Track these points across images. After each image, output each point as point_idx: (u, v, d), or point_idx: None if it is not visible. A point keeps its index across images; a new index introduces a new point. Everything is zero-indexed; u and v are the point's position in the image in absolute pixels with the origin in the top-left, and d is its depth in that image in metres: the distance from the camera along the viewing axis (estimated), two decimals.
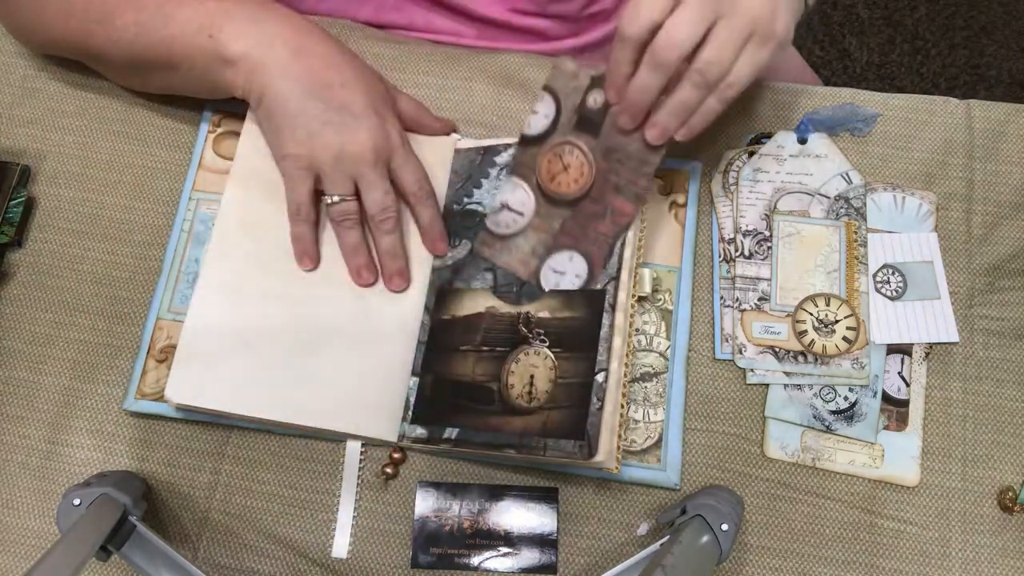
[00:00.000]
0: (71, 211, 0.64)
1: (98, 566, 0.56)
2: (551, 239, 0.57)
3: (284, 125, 0.57)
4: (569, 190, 0.57)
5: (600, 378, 0.52)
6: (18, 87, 0.67)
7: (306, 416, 0.56)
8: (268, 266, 0.59)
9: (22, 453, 0.59)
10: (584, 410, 0.52)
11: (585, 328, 0.54)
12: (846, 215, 0.63)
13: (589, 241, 0.56)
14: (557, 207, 0.57)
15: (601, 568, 0.54)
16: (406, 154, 0.59)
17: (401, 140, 0.59)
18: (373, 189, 0.58)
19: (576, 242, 0.56)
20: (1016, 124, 0.65)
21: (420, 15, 0.71)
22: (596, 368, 0.53)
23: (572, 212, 0.57)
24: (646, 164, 0.55)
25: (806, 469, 0.58)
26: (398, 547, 0.57)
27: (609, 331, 0.53)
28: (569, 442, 0.51)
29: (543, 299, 0.56)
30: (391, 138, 0.58)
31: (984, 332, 0.60)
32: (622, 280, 0.55)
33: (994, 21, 1.59)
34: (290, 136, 0.57)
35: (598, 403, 0.52)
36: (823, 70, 1.56)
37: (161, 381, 0.58)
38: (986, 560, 0.56)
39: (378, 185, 0.58)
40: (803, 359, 0.59)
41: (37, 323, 0.61)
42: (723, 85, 0.50)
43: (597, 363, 0.53)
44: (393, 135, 0.59)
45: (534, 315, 0.56)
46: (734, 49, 0.49)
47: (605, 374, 0.52)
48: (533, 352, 0.55)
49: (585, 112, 0.56)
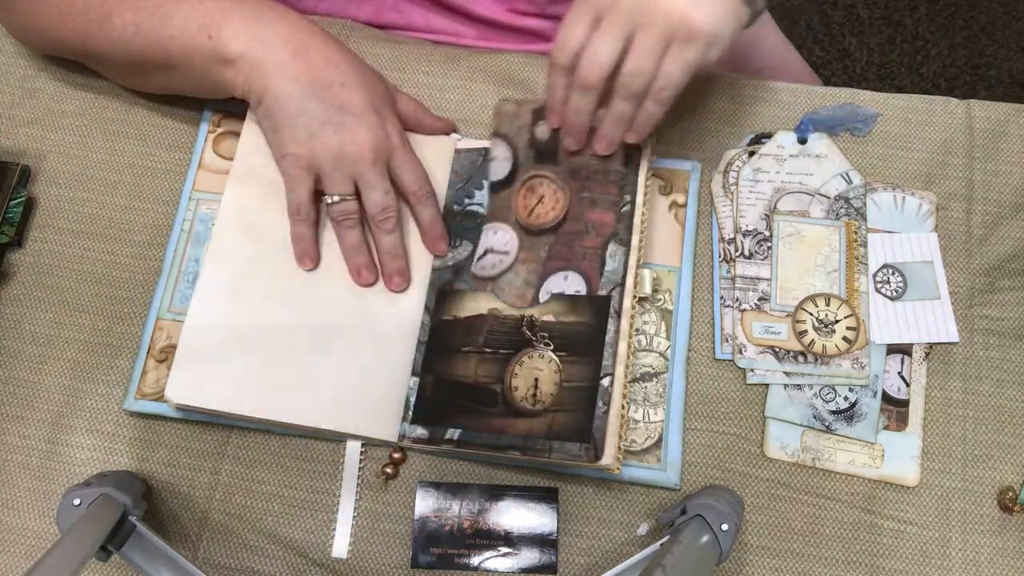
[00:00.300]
0: (71, 211, 0.64)
1: (98, 566, 0.56)
2: (541, 267, 0.58)
3: (284, 125, 0.57)
4: (548, 218, 0.58)
5: (606, 382, 0.53)
6: (18, 87, 0.67)
7: (306, 416, 0.56)
8: (268, 266, 0.59)
9: (22, 453, 0.59)
10: (590, 413, 0.52)
11: (590, 333, 0.55)
12: (846, 215, 0.63)
13: (579, 257, 0.57)
14: (540, 236, 0.58)
15: (601, 568, 0.54)
16: (406, 154, 0.59)
17: (401, 140, 0.59)
18: (373, 189, 0.58)
19: (567, 262, 0.57)
20: (1016, 124, 0.65)
21: (419, 15, 0.71)
22: (602, 373, 0.53)
23: (555, 236, 0.58)
24: (611, 172, 0.58)
25: (806, 469, 0.58)
26: (398, 547, 0.57)
27: (615, 336, 0.54)
28: (575, 445, 0.52)
29: (547, 303, 0.57)
30: (391, 138, 0.58)
31: (984, 332, 0.60)
32: (627, 286, 0.55)
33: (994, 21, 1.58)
34: (290, 136, 0.57)
35: (604, 407, 0.52)
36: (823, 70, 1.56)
37: (161, 381, 0.58)
38: (986, 560, 0.56)
39: (378, 185, 0.58)
40: (803, 359, 0.59)
41: (37, 323, 0.61)
42: (655, 90, 0.52)
43: (603, 368, 0.53)
44: (393, 135, 0.59)
45: (538, 318, 0.56)
46: (654, 56, 0.51)
47: (611, 378, 0.53)
48: (537, 355, 0.55)
49: (538, 145, 0.60)
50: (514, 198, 0.60)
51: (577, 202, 0.58)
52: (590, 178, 0.58)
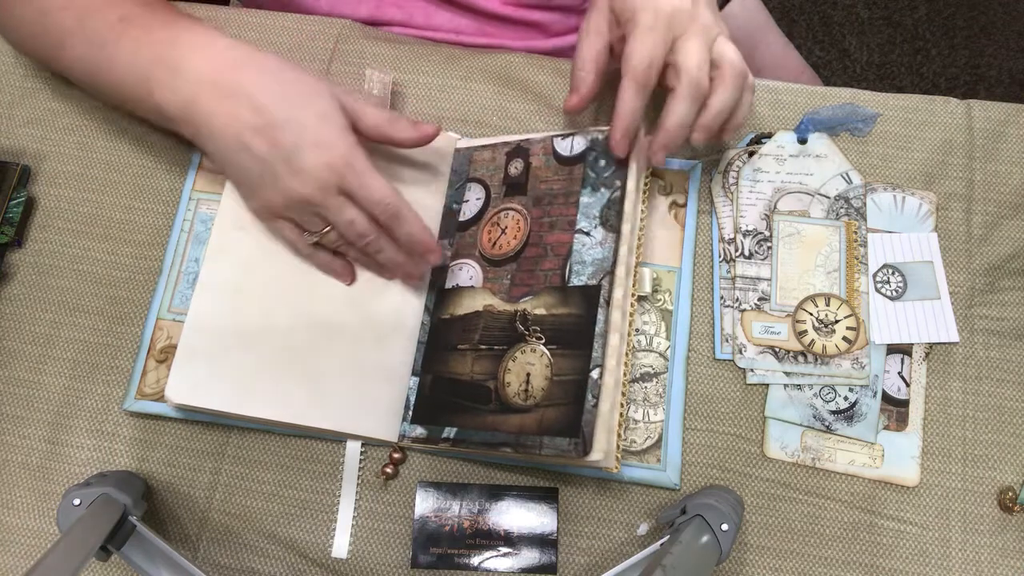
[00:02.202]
0: (71, 211, 0.64)
1: (98, 566, 0.56)
2: (506, 293, 0.58)
3: (233, 180, 0.58)
4: (510, 247, 0.59)
5: (595, 374, 0.52)
6: (18, 87, 0.67)
7: (306, 416, 0.56)
8: (268, 266, 0.59)
9: (22, 453, 0.59)
10: (579, 407, 0.52)
11: (581, 324, 0.54)
12: (846, 215, 0.63)
13: (540, 281, 0.57)
14: (503, 266, 0.59)
15: (601, 568, 0.54)
16: (357, 177, 0.54)
17: (347, 162, 0.54)
18: (338, 219, 0.55)
19: (530, 287, 0.57)
20: (1016, 124, 0.65)
21: (419, 10, 0.71)
22: (591, 365, 0.53)
23: (517, 264, 0.58)
24: (571, 195, 0.58)
25: (806, 469, 0.58)
26: (398, 547, 0.57)
27: (604, 327, 0.53)
28: (564, 440, 0.51)
29: (540, 296, 0.56)
30: (334, 167, 0.53)
31: (984, 332, 0.60)
32: (617, 276, 0.55)
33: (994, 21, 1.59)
34: (243, 191, 0.57)
35: (593, 400, 0.51)
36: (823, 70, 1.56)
37: (161, 381, 0.58)
38: (986, 560, 0.56)
39: (342, 214, 0.55)
40: (803, 359, 0.59)
41: (37, 323, 0.61)
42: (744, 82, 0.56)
43: (592, 359, 0.53)
44: (337, 162, 0.53)
45: (531, 312, 0.56)
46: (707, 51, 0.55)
47: (600, 370, 0.52)
48: (529, 350, 0.55)
49: (510, 180, 0.61)
50: (479, 234, 0.60)
51: (537, 227, 0.59)
52: (551, 203, 0.59)
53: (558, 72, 0.67)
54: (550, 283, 0.56)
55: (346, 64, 0.67)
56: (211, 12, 0.68)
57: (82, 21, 0.57)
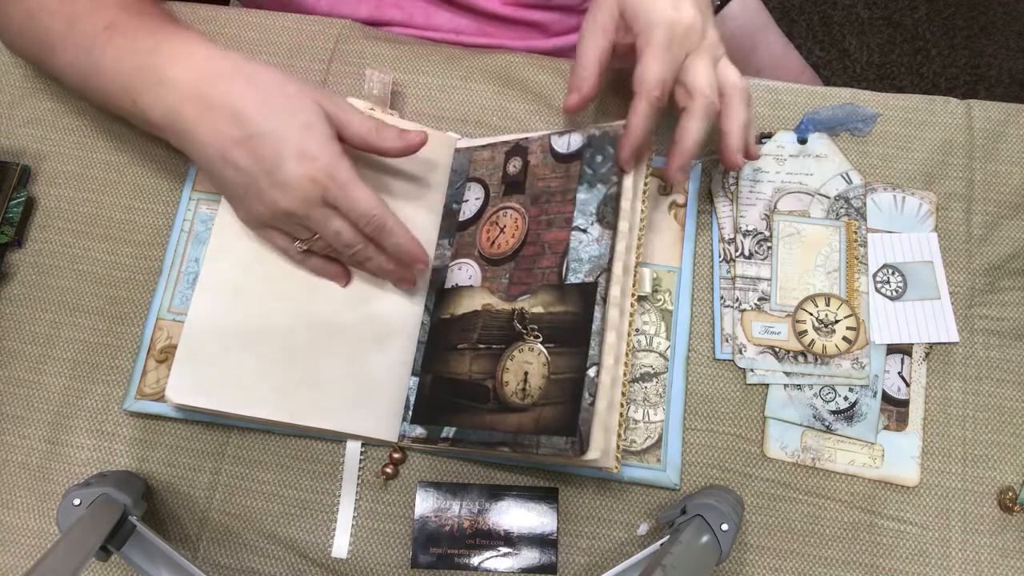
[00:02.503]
0: (71, 211, 0.64)
1: (98, 566, 0.56)
2: (504, 292, 0.57)
3: (219, 191, 0.57)
4: (508, 246, 0.59)
5: (592, 372, 0.52)
6: (18, 87, 0.67)
7: (306, 416, 0.56)
8: (268, 266, 0.59)
9: (22, 453, 0.59)
10: (576, 406, 0.51)
11: (577, 322, 0.54)
12: (846, 215, 0.63)
13: (538, 279, 0.57)
14: (501, 265, 0.59)
15: (601, 568, 0.54)
16: (341, 188, 0.53)
17: (330, 174, 0.53)
18: (324, 231, 0.55)
19: (528, 285, 0.57)
20: (1016, 124, 0.65)
21: (419, 10, 0.71)
22: (588, 363, 0.52)
23: (515, 262, 0.58)
24: (568, 192, 0.58)
25: (806, 469, 0.58)
26: (398, 547, 0.57)
27: (601, 324, 0.53)
28: (561, 439, 0.51)
29: (538, 294, 0.56)
30: (317, 180, 0.52)
31: (984, 332, 0.60)
32: (614, 273, 0.54)
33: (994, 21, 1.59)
34: (232, 203, 0.57)
35: (590, 399, 0.51)
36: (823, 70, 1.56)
37: (161, 381, 0.58)
38: (986, 560, 0.56)
39: (328, 225, 0.54)
40: (803, 359, 0.59)
41: (37, 323, 0.61)
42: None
43: (589, 358, 0.52)
44: (319, 175, 0.52)
45: (528, 311, 0.56)
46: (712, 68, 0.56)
47: (597, 368, 0.52)
48: (527, 348, 0.55)
49: (509, 178, 0.61)
50: (478, 233, 0.60)
51: (535, 225, 0.58)
52: (548, 201, 0.59)
53: (558, 72, 0.67)
54: (547, 281, 0.56)
55: (346, 64, 0.67)
56: (211, 12, 0.68)
57: (71, 26, 0.57)
